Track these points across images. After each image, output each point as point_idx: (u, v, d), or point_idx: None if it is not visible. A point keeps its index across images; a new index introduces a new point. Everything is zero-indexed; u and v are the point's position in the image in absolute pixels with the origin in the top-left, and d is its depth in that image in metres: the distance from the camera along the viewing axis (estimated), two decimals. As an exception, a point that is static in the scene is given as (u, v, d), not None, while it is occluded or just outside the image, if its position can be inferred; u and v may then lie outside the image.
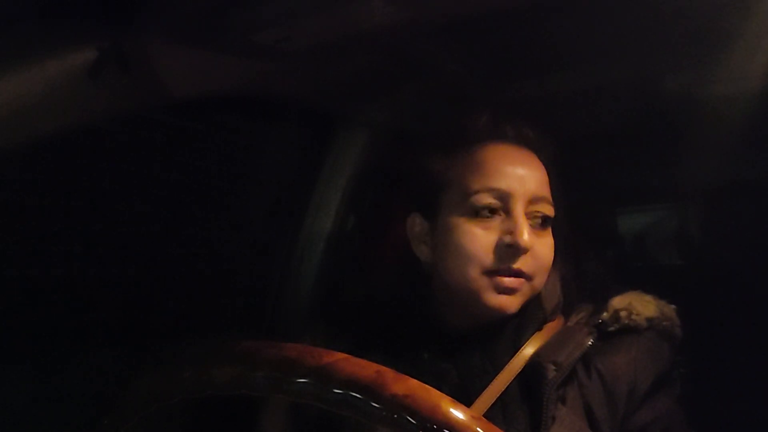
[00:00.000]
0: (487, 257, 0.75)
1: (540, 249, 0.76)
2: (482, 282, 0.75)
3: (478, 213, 0.77)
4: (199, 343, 0.54)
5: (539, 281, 0.78)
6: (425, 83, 1.18)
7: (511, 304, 0.75)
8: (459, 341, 0.79)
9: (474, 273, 0.76)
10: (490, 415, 0.74)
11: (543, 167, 0.81)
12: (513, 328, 0.80)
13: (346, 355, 0.47)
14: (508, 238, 0.74)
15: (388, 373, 0.45)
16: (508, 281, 0.74)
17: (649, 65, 1.12)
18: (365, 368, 0.45)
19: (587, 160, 1.43)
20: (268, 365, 0.48)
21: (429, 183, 0.83)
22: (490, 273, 0.75)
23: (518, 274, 0.75)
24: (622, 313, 0.79)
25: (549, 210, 0.78)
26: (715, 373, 1.08)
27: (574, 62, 1.13)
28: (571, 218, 0.88)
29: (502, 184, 0.77)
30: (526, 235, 0.73)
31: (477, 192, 0.77)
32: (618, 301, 0.81)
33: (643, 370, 0.76)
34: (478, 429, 0.43)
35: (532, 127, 0.83)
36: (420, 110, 1.24)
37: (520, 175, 0.77)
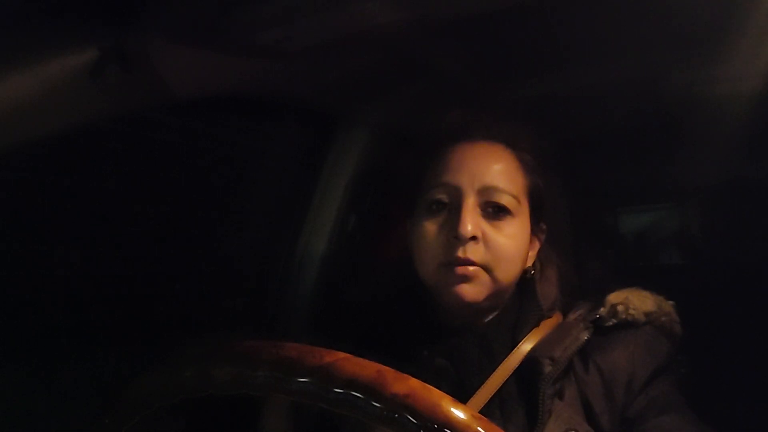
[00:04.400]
0: (439, 250, 0.77)
1: (494, 239, 0.77)
2: (440, 275, 0.78)
3: (430, 208, 0.80)
4: (199, 343, 0.54)
5: (501, 272, 0.78)
6: (425, 83, 1.19)
7: (469, 292, 0.76)
8: (457, 338, 0.79)
9: (431, 267, 0.78)
10: (487, 411, 0.74)
11: (510, 159, 0.82)
12: (510, 325, 0.80)
13: (346, 355, 0.47)
14: (453, 230, 0.76)
15: (389, 373, 0.45)
16: (460, 269, 0.76)
17: (650, 65, 1.12)
18: (366, 368, 0.45)
19: (587, 160, 1.43)
20: (268, 365, 0.48)
21: (408, 185, 0.86)
22: (445, 266, 0.77)
23: (470, 263, 0.76)
24: (620, 308, 0.80)
25: (506, 200, 0.78)
26: (715, 373, 1.08)
27: (574, 62, 1.13)
28: (571, 217, 0.88)
29: (451, 178, 0.79)
30: (468, 226, 0.75)
31: (429, 188, 0.80)
32: (615, 297, 0.82)
33: (641, 363, 0.77)
34: (479, 428, 0.43)
35: (504, 123, 0.84)
36: (420, 110, 1.24)
37: (471, 169, 0.79)
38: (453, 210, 0.78)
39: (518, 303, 0.82)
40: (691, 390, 0.78)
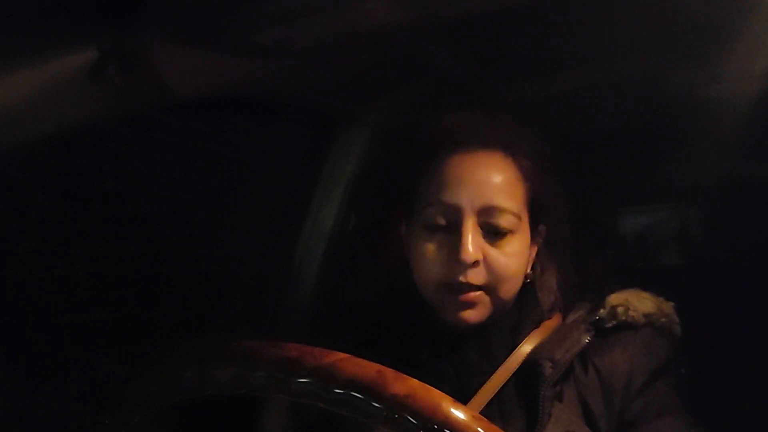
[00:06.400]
0: (440, 271, 0.76)
1: (495, 260, 0.75)
2: (440, 295, 0.77)
3: (429, 227, 0.78)
4: (199, 343, 0.54)
5: (503, 291, 0.77)
6: (425, 83, 1.18)
7: (472, 315, 0.76)
8: (457, 340, 0.79)
9: (431, 286, 0.77)
10: (487, 413, 0.74)
11: (509, 168, 0.79)
12: (510, 327, 0.80)
13: (346, 355, 0.47)
14: (454, 253, 0.74)
15: (389, 373, 0.45)
16: (463, 297, 0.75)
17: (650, 65, 1.12)
18: (366, 368, 0.45)
19: (587, 160, 1.43)
20: (268, 365, 0.48)
21: (405, 191, 0.84)
22: (446, 286, 0.76)
23: (470, 287, 0.75)
24: (619, 309, 0.79)
25: (507, 219, 0.76)
26: (715, 373, 1.08)
27: (574, 62, 1.13)
28: (571, 218, 0.88)
29: (450, 197, 0.77)
30: (469, 249, 0.73)
31: (429, 205, 0.78)
32: (615, 298, 0.81)
33: (640, 365, 0.76)
34: (479, 429, 0.43)
35: (501, 128, 0.82)
36: (420, 110, 1.24)
37: (469, 186, 0.76)
38: (453, 230, 0.76)
39: (518, 305, 0.82)
40: (691, 391, 0.78)
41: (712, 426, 0.75)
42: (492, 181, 0.77)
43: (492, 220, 0.76)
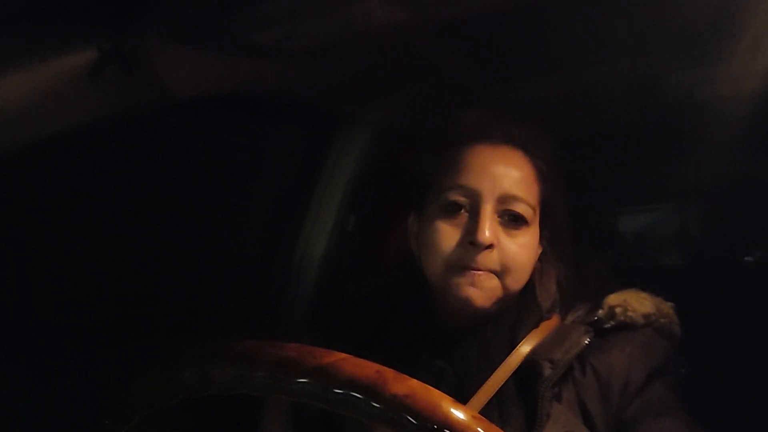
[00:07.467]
0: (452, 253, 0.77)
1: (508, 247, 0.76)
2: (449, 276, 0.77)
3: (446, 209, 0.79)
4: (199, 343, 0.54)
5: (512, 280, 0.77)
6: (425, 83, 1.19)
7: (477, 296, 0.76)
8: (456, 340, 0.79)
9: (441, 268, 0.78)
10: (486, 413, 0.74)
11: (528, 167, 0.81)
12: (509, 327, 0.80)
13: (346, 355, 0.47)
14: (469, 235, 0.75)
15: (389, 373, 0.45)
16: (471, 274, 0.75)
17: (650, 65, 1.12)
18: (366, 368, 0.45)
19: (587, 160, 1.43)
20: (268, 365, 0.48)
21: (419, 182, 0.85)
22: (456, 269, 0.76)
23: (482, 270, 0.75)
24: (618, 310, 0.79)
25: (523, 209, 0.78)
26: (715, 373, 1.08)
27: (574, 62, 1.13)
28: (571, 218, 0.88)
29: (471, 181, 0.78)
30: (486, 232, 0.74)
31: (447, 189, 0.79)
32: (613, 299, 0.81)
33: (638, 365, 0.76)
34: (479, 429, 0.43)
35: (523, 127, 0.83)
36: (420, 110, 1.24)
37: (492, 174, 0.78)
38: (471, 214, 0.77)
39: (518, 304, 0.82)
40: (691, 391, 0.78)
41: (711, 426, 0.75)
42: (512, 172, 0.79)
43: (510, 207, 0.77)
